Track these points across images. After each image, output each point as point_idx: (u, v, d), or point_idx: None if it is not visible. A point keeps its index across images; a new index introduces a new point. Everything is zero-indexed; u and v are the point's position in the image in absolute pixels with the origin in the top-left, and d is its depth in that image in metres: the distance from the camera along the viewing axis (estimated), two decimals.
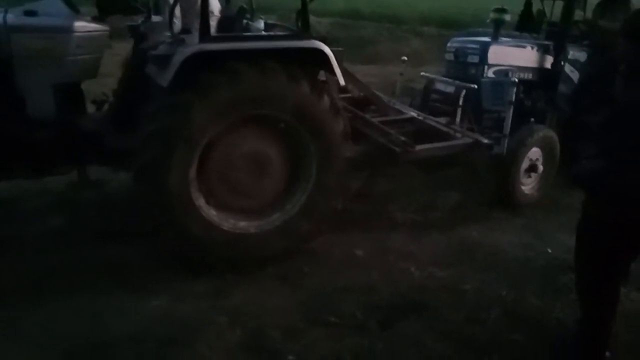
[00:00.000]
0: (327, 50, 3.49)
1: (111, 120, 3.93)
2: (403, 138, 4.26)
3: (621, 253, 2.48)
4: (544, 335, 3.04)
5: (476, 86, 5.08)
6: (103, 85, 4.38)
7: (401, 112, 5.07)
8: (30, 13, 3.56)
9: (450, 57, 5.69)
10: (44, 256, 3.54)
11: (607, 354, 2.66)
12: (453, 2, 16.81)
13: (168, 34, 3.80)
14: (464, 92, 5.07)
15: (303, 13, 3.61)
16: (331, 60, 3.51)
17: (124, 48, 4.95)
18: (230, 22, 4.15)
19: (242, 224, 3.56)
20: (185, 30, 3.69)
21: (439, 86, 5.52)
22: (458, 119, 5.06)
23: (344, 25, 13.31)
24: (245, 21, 4.37)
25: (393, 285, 3.47)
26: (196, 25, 3.43)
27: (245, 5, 4.37)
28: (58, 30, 3.55)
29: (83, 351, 2.75)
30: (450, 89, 5.31)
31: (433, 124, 4.88)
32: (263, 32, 4.05)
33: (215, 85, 3.20)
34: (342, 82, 3.63)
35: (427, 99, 5.61)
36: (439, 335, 2.98)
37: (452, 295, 3.42)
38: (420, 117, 4.99)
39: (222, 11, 4.36)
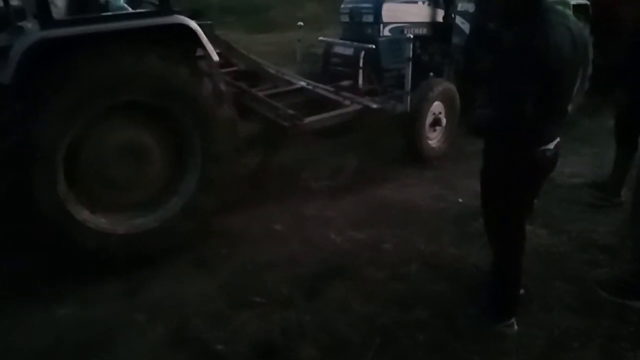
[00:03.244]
0: (192, 25, 3.21)
1: None
2: (291, 111, 4.16)
3: (521, 193, 2.59)
4: (463, 281, 3.16)
5: (374, 46, 5.09)
6: None
7: (291, 83, 4.94)
8: None
9: (345, 18, 5.66)
10: None
11: (521, 291, 2.80)
12: None
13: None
14: (362, 53, 5.07)
15: None
16: (199, 35, 3.25)
17: None
18: (84, 2, 3.61)
19: (140, 220, 3.33)
20: (25, 14, 3.26)
21: (338, 49, 5.49)
22: (360, 80, 5.07)
23: None
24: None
25: (314, 254, 3.45)
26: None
27: None
28: None
29: None
30: (349, 51, 5.29)
31: (323, 92, 4.82)
32: (128, 11, 3.69)
33: (62, 79, 2.89)
34: (214, 57, 3.38)
35: (327, 63, 5.57)
36: (364, 297, 3.01)
37: (372, 255, 3.46)
38: (309, 87, 4.90)
39: None
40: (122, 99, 3.11)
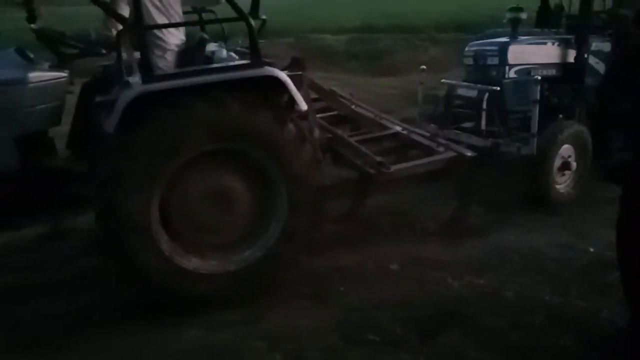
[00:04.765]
0: (282, 76, 3.31)
1: (80, 167, 3.76)
2: (379, 159, 4.09)
3: None
4: (593, 337, 2.93)
5: (498, 88, 5.01)
6: None
7: (386, 128, 4.92)
8: None
9: (469, 61, 5.64)
10: (73, 300, 3.51)
11: None
12: (465, 5, 16.69)
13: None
14: (486, 95, 5.01)
15: (251, 39, 3.35)
16: (288, 86, 3.34)
17: None
18: (190, 56, 3.86)
19: (247, 253, 3.45)
20: (131, 70, 3.47)
21: (461, 91, 5.47)
22: (483, 122, 4.99)
23: (360, 39, 13.35)
24: (214, 50, 4.12)
25: (431, 297, 3.40)
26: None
27: (205, 35, 4.09)
28: (12, 83, 3.49)
29: None
30: (472, 93, 5.25)
31: (417, 138, 4.74)
32: (233, 60, 3.86)
33: (158, 127, 3.09)
34: (302, 106, 3.43)
35: (449, 105, 5.56)
36: (482, 345, 2.90)
37: (492, 302, 3.33)
38: (404, 132, 4.83)
39: (185, 42, 3.98)
40: (209, 147, 3.24)
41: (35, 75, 3.59)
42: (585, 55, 5.44)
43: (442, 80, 5.89)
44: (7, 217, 3.58)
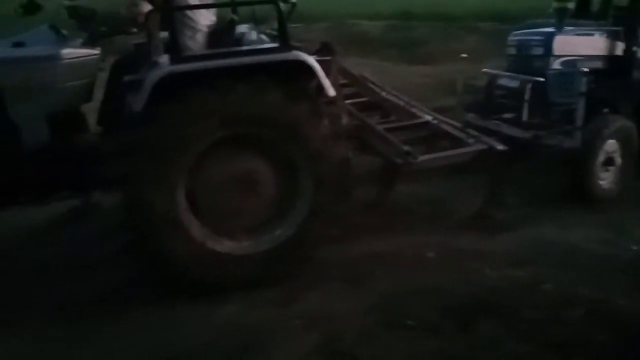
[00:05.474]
0: (309, 60, 3.29)
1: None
2: (406, 148, 4.01)
3: None
4: (635, 337, 2.86)
5: (543, 79, 4.90)
6: None
7: (415, 116, 4.79)
8: (18, 44, 3.59)
9: (512, 51, 5.53)
10: (110, 276, 3.61)
11: None
12: None
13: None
14: (529, 85, 4.91)
15: (280, 22, 3.33)
16: (316, 71, 3.31)
17: None
18: (219, 38, 3.87)
19: (278, 232, 3.47)
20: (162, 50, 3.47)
21: (503, 82, 5.37)
22: (525, 114, 4.90)
23: (396, 26, 13.19)
24: (244, 32, 4.11)
25: (468, 286, 3.36)
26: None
27: (235, 17, 4.10)
28: (44, 59, 3.51)
29: None
30: (514, 84, 5.16)
31: (447, 128, 4.62)
32: (263, 43, 3.81)
33: (180, 110, 3.10)
34: (330, 91, 3.39)
35: (490, 96, 5.47)
36: (520, 336, 2.86)
37: (530, 295, 3.27)
38: (435, 122, 4.70)
39: (215, 23, 3.98)
40: (223, 134, 3.25)
41: (67, 52, 3.60)
42: (634, 49, 5.29)
43: (484, 70, 5.79)
44: (38, 193, 3.67)
